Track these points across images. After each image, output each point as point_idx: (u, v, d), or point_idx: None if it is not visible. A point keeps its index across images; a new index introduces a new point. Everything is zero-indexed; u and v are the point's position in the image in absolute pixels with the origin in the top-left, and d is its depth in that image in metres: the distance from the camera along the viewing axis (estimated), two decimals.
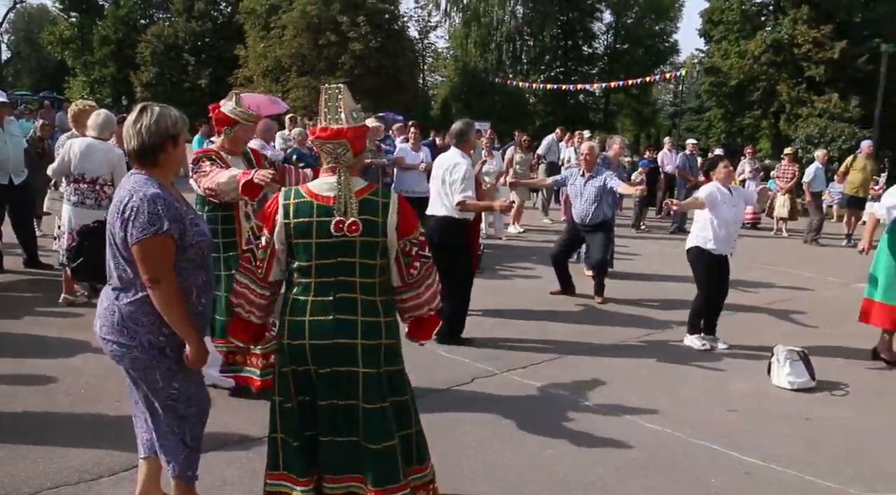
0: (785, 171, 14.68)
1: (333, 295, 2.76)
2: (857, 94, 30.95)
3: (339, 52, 31.79)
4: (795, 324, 7.21)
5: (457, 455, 4.00)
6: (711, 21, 37.13)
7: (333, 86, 2.80)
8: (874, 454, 4.31)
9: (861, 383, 5.54)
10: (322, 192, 2.76)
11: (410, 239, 2.83)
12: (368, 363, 2.80)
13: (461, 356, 5.69)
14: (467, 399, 4.86)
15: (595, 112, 44.39)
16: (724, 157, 6.69)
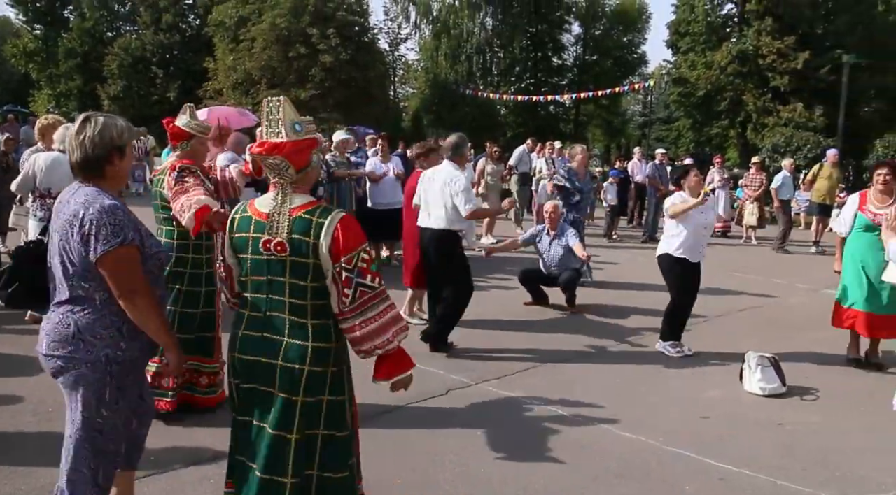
0: (753, 180, 14.90)
1: (265, 312, 2.67)
2: (821, 103, 31.59)
3: (309, 64, 31.68)
4: (766, 331, 7.30)
5: (432, 466, 3.98)
6: (678, 32, 37.70)
7: (274, 99, 2.66)
8: (844, 457, 4.36)
9: (830, 388, 5.61)
10: (262, 208, 2.67)
11: (342, 264, 2.56)
12: (284, 387, 2.62)
13: (435, 367, 5.68)
14: (442, 411, 4.85)
15: (566, 123, 44.72)
16: (693, 166, 6.77)
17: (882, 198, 6.03)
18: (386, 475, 3.87)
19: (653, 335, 6.83)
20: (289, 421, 2.62)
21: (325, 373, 2.66)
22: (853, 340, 6.30)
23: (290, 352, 2.62)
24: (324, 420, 2.68)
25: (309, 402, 2.64)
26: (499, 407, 4.95)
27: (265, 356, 2.64)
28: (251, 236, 2.64)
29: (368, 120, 27.20)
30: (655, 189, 14.35)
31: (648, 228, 14.26)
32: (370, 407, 4.76)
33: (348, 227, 2.60)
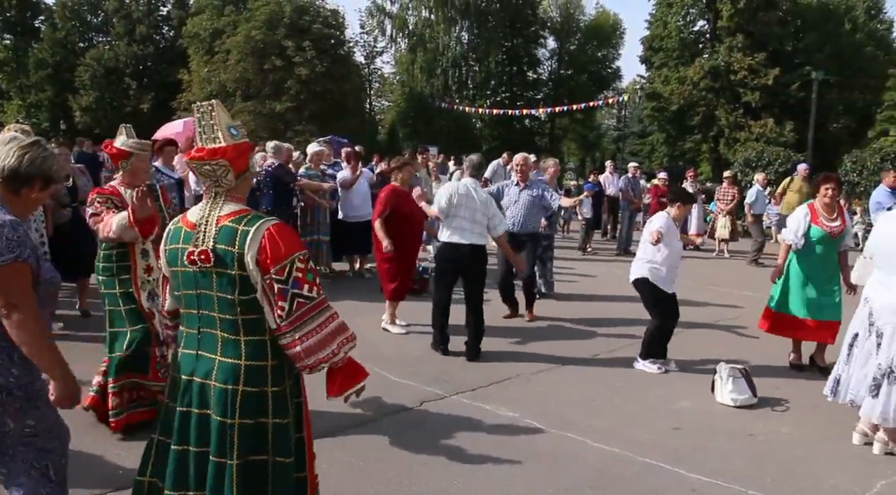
0: (725, 194, 15.08)
1: (198, 329, 2.52)
2: (791, 119, 32.21)
3: (284, 76, 31.67)
4: (738, 342, 7.37)
5: (406, 479, 3.96)
6: (652, 48, 38.28)
7: (206, 103, 2.51)
8: (814, 467, 4.41)
9: (800, 398, 5.67)
10: (191, 218, 2.53)
11: (272, 275, 2.39)
12: (219, 410, 2.44)
13: (409, 380, 5.66)
14: (416, 424, 4.83)
15: (541, 136, 45.09)
16: (695, 198, 6.75)
17: (829, 211, 6.26)
18: (358, 486, 3.84)
19: (627, 347, 6.88)
20: (225, 445, 2.43)
21: (262, 394, 2.46)
22: (796, 347, 6.57)
23: (221, 371, 2.45)
24: (272, 445, 2.49)
25: (246, 425, 2.43)
26: (473, 419, 4.94)
27: (200, 375, 2.49)
28: (180, 247, 2.51)
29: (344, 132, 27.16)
30: (629, 202, 14.48)
31: (622, 241, 14.38)
32: (341, 418, 4.74)
33: (277, 235, 2.42)
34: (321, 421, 4.68)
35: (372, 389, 5.34)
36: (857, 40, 37.60)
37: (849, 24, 37.89)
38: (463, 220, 6.44)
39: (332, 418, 4.76)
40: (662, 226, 6.04)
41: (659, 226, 6.04)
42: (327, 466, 4.03)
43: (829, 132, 35.02)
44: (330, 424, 4.65)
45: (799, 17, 35.89)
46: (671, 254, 6.11)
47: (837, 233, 6.21)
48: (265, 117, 31.82)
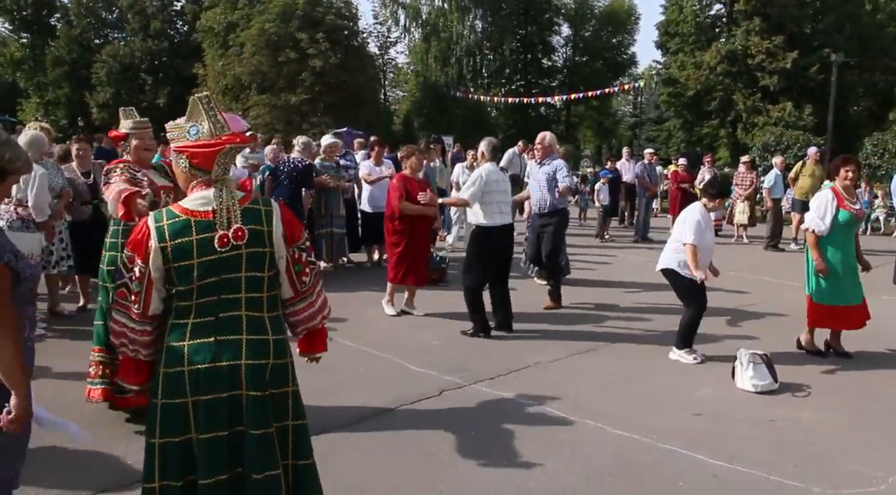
0: (743, 179, 14.94)
1: (216, 315, 2.53)
2: (810, 102, 31.79)
3: (298, 68, 31.72)
4: (758, 328, 7.31)
5: (426, 468, 3.98)
6: (668, 33, 37.88)
7: (202, 94, 2.58)
8: (835, 453, 4.38)
9: (821, 384, 5.64)
10: (199, 208, 2.53)
11: (299, 244, 2.66)
12: (253, 385, 2.52)
13: (428, 369, 5.67)
14: (436, 412, 4.84)
15: (557, 124, 44.82)
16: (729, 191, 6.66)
17: (850, 194, 6.22)
18: (380, 476, 3.86)
19: (645, 334, 6.87)
20: (265, 417, 2.55)
21: (287, 365, 2.66)
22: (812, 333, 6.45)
23: (252, 349, 2.54)
24: (291, 410, 2.68)
25: (277, 395, 2.61)
26: (492, 407, 4.95)
27: (224, 358, 2.51)
28: (196, 238, 2.50)
29: (359, 123, 27.23)
30: (645, 189, 14.39)
31: (640, 228, 14.30)
32: (363, 409, 4.78)
33: (288, 213, 2.70)
34: (342, 411, 4.73)
35: (391, 379, 5.41)
36: (878, 20, 36.97)
37: (869, 5, 37.26)
38: (501, 203, 6.76)
39: (352, 408, 4.80)
40: (700, 217, 5.97)
41: (698, 217, 5.96)
42: (347, 456, 4.08)
43: (849, 115, 34.55)
44: (350, 414, 4.69)
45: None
46: (704, 246, 6.01)
47: (863, 216, 6.13)
48: (280, 110, 31.92)
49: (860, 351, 6.51)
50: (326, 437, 4.29)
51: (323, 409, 4.69)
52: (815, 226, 6.16)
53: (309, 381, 5.00)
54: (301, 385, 2.78)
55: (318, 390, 5.01)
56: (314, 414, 4.51)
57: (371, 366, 5.76)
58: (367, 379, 5.41)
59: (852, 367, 6.14)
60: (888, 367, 6.12)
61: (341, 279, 9.09)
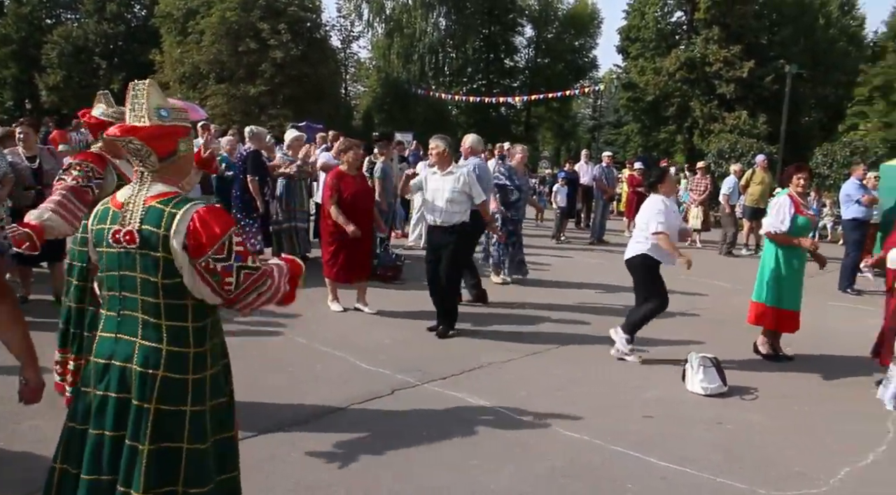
0: (698, 184, 15.18)
1: (118, 311, 2.46)
2: (765, 111, 32.50)
3: (259, 59, 31.26)
4: (708, 332, 7.42)
5: (378, 468, 3.93)
6: (629, 38, 38.33)
7: (140, 82, 2.46)
8: (781, 455, 4.45)
9: (769, 387, 5.73)
10: (120, 198, 2.48)
11: (211, 256, 2.35)
12: (138, 394, 2.39)
13: (381, 368, 5.62)
14: (388, 412, 4.79)
15: (517, 124, 45.05)
16: (668, 169, 6.79)
17: (805, 199, 6.44)
18: (330, 476, 3.80)
19: (598, 335, 6.90)
20: (140, 430, 2.37)
21: (182, 381, 2.42)
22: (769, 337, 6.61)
23: (142, 355, 2.40)
24: (188, 432, 2.43)
25: (165, 411, 2.39)
26: (444, 407, 4.91)
27: (119, 359, 2.43)
28: (106, 227, 2.45)
29: (319, 117, 26.93)
30: (603, 192, 14.53)
31: (596, 230, 14.43)
32: (314, 408, 4.70)
33: (207, 216, 2.38)
34: (293, 410, 4.65)
35: (343, 378, 5.34)
36: (831, 35, 37.98)
37: (823, 20, 38.25)
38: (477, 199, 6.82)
39: (304, 407, 4.72)
40: (662, 206, 6.03)
41: (659, 207, 6.03)
42: (294, 457, 4.00)
43: (801, 125, 35.39)
44: (301, 413, 4.61)
45: (775, 10, 36.16)
46: (670, 231, 6.09)
47: (816, 221, 6.27)
48: (239, 100, 31.42)
49: (807, 355, 6.66)
50: (277, 436, 4.22)
51: (274, 408, 4.61)
52: (776, 229, 6.30)
53: (261, 379, 4.97)
54: (252, 383, 2.69)
55: (269, 388, 4.94)
56: (264, 412, 4.46)
57: (324, 364, 5.68)
58: (319, 378, 5.34)
59: (798, 371, 6.26)
60: (832, 371, 6.25)
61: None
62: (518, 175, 9.23)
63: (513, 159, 9.46)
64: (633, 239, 6.33)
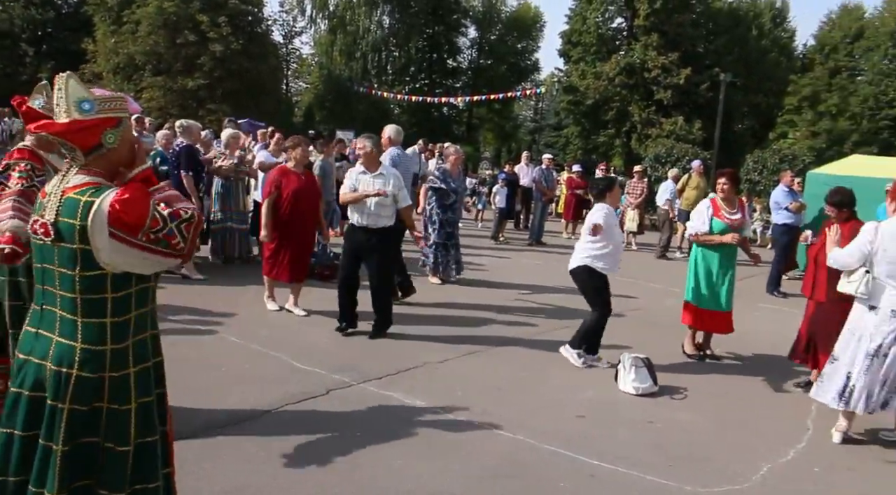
0: (635, 188, 15.48)
1: (41, 305, 2.42)
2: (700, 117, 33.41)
3: (198, 52, 30.57)
4: (641, 333, 7.56)
5: (311, 470, 3.89)
6: (570, 42, 38.85)
7: (62, 75, 2.40)
8: (708, 452, 4.58)
9: (697, 386, 5.89)
10: (47, 188, 2.45)
11: (147, 231, 2.31)
12: (52, 393, 2.33)
13: (316, 367, 5.56)
14: (322, 412, 4.74)
15: (458, 125, 45.25)
16: (616, 179, 6.87)
17: (729, 205, 6.58)
18: (261, 479, 3.74)
19: (535, 335, 6.98)
20: (54, 430, 2.32)
21: (98, 380, 2.35)
22: (694, 337, 6.82)
23: (57, 353, 2.34)
24: (104, 430, 2.38)
25: (77, 411, 2.33)
26: (379, 407, 4.89)
27: (37, 356, 2.37)
28: (34, 218, 2.41)
29: (259, 113, 26.54)
30: (542, 193, 14.68)
31: (534, 232, 14.57)
32: (247, 409, 4.62)
33: (126, 198, 2.30)
34: (224, 411, 4.56)
35: (277, 378, 5.27)
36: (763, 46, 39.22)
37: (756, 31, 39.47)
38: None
39: (236, 408, 4.64)
40: (602, 218, 6.06)
41: (598, 219, 6.05)
42: (226, 458, 3.93)
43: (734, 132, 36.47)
44: (233, 415, 4.53)
45: (711, 20, 37.16)
46: (614, 242, 6.17)
47: (738, 226, 6.47)
48: (176, 94, 30.65)
49: (734, 355, 6.87)
50: (209, 439, 4.13)
51: (205, 410, 4.51)
52: (695, 231, 6.53)
53: (192, 380, 4.86)
54: (184, 384, 2.63)
55: (200, 389, 4.84)
56: (195, 414, 4.36)
57: (257, 364, 5.59)
58: (252, 378, 5.25)
59: (726, 371, 6.45)
60: (758, 371, 6.46)
61: (231, 273, 8.83)
62: (453, 177, 9.24)
63: (447, 161, 9.47)
64: (577, 248, 6.32)
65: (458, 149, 9.79)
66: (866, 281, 4.75)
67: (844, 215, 5.80)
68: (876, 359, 4.71)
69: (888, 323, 4.70)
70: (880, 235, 4.74)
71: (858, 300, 4.85)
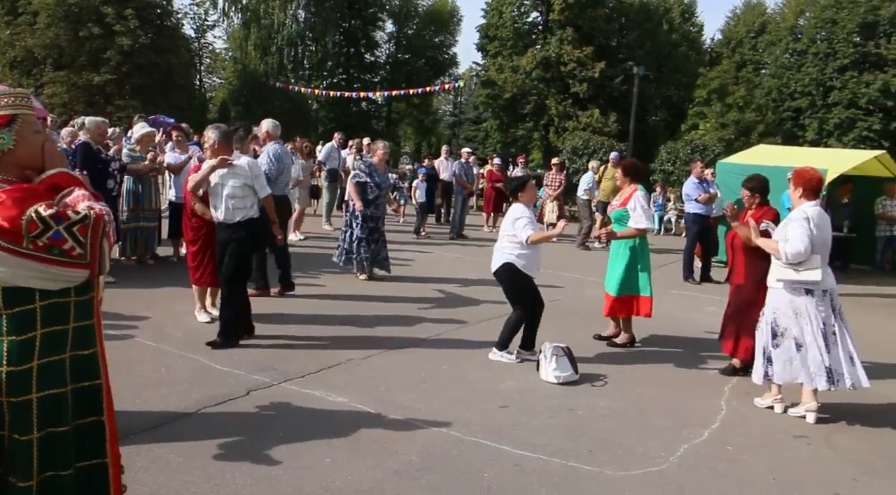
0: (553, 180, 15.72)
1: None
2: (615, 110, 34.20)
3: (103, 45, 29.32)
4: (561, 322, 7.67)
5: (230, 473, 3.79)
6: (487, 36, 39.14)
7: None
8: (626, 437, 4.68)
9: (616, 373, 6.02)
10: None
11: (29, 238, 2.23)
12: None
13: (235, 368, 5.43)
14: (243, 413, 4.64)
15: (378, 120, 45.01)
16: (530, 177, 6.83)
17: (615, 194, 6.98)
18: (179, 484, 3.62)
19: (458, 329, 7.01)
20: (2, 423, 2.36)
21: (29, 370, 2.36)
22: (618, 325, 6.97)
23: None
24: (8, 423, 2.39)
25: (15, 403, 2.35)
26: (301, 406, 4.82)
27: None
28: None
29: (171, 109, 25.74)
30: (462, 187, 14.75)
31: (455, 225, 14.62)
32: (164, 413, 4.48)
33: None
34: (141, 416, 4.40)
35: (195, 380, 5.13)
36: (673, 40, 40.48)
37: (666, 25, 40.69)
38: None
39: (152, 413, 4.48)
40: (522, 215, 6.09)
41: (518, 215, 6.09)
42: (145, 463, 3.80)
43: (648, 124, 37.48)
44: (149, 419, 4.38)
45: (623, 14, 38.05)
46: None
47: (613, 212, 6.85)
48: (81, 89, 29.34)
49: (652, 340, 7.06)
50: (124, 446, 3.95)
51: (121, 415, 4.32)
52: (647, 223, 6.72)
53: None
54: None
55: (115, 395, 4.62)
56: None
57: (174, 366, 5.41)
58: (169, 381, 5.08)
59: (644, 357, 6.62)
60: (674, 356, 6.66)
61: (145, 275, 8.53)
62: (379, 172, 9.18)
63: (374, 156, 9.40)
64: (497, 248, 6.29)
65: (385, 144, 9.74)
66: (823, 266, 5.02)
67: (757, 200, 6.02)
68: (827, 336, 5.02)
69: (823, 302, 5.04)
70: (811, 220, 5.02)
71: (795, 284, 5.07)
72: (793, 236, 5.00)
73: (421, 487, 3.80)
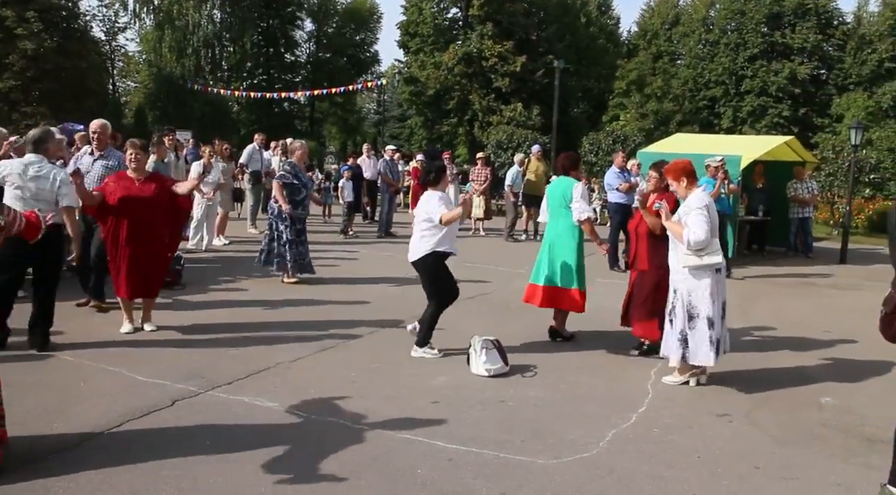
0: (479, 175, 15.81)
1: None
2: (538, 103, 34.70)
3: (5, 50, 28.07)
4: (490, 316, 7.75)
5: (154, 488, 3.67)
6: (409, 33, 39.15)
7: None
8: (557, 426, 4.75)
9: (546, 363, 6.11)
10: None
11: None
12: None
13: (159, 378, 5.27)
14: (168, 425, 4.50)
15: (301, 120, 44.49)
16: (445, 168, 6.79)
17: None
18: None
19: (386, 328, 6.99)
20: None
21: None
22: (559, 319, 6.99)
23: None
24: None
25: None
26: (229, 414, 4.71)
27: None
28: None
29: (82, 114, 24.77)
30: (388, 185, 14.69)
31: (383, 223, 14.56)
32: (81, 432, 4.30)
33: None
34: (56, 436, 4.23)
35: (116, 393, 4.96)
36: (591, 33, 41.32)
37: (584, 18, 41.48)
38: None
39: (69, 431, 4.30)
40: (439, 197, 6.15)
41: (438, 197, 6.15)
42: (66, 482, 3.64)
43: (571, 116, 38.15)
44: (66, 439, 4.20)
45: (541, 8, 38.59)
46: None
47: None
48: None
49: (580, 329, 7.15)
50: (36, 467, 3.80)
51: (34, 436, 4.15)
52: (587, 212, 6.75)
53: (19, 405, 4.43)
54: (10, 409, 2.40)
55: (29, 414, 4.45)
56: (23, 442, 3.99)
57: (93, 380, 5.22)
58: (88, 396, 4.90)
59: (574, 346, 6.74)
60: (603, 344, 6.78)
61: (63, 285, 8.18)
62: (302, 172, 9.08)
63: (293, 155, 9.28)
64: (415, 237, 6.26)
65: (302, 143, 9.62)
66: None
67: (664, 184, 6.16)
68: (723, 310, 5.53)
69: (722, 280, 5.52)
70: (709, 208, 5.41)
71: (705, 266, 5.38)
72: (693, 225, 5.31)
73: (356, 487, 3.76)
